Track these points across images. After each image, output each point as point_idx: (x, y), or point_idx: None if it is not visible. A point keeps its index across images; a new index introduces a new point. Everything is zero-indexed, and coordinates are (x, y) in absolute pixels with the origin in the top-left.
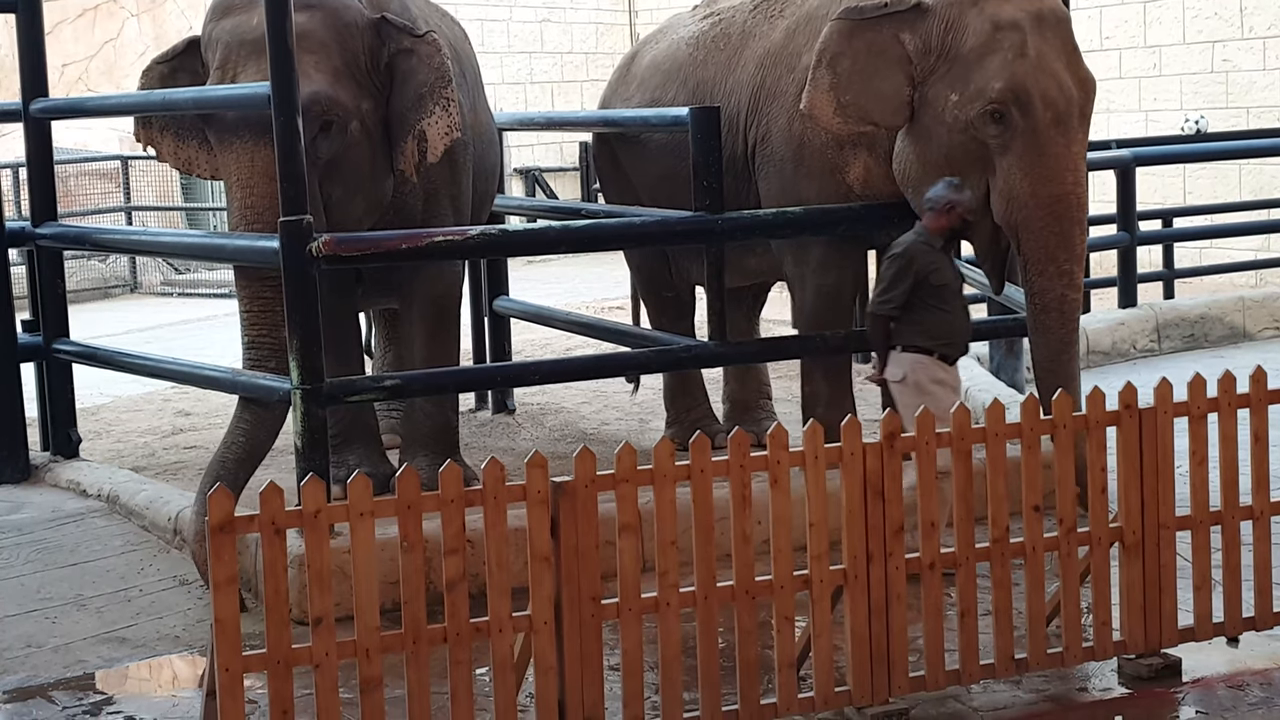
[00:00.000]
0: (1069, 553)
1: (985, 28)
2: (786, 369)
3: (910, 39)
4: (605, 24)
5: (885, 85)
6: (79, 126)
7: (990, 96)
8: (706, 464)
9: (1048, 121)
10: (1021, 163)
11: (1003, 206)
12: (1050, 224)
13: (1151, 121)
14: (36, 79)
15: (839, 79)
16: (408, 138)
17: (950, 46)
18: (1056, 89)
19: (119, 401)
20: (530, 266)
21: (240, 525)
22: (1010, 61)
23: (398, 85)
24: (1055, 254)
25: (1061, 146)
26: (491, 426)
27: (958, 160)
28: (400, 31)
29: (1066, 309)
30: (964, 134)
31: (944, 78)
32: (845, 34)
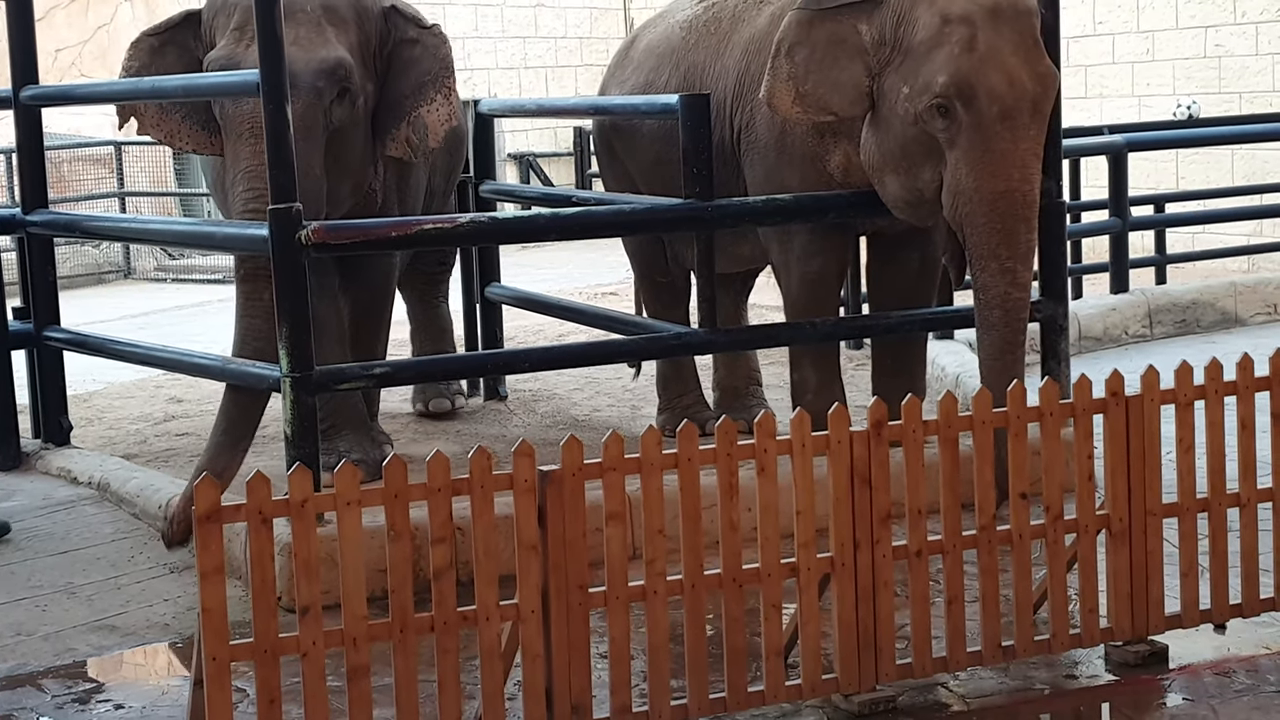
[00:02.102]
0: (1056, 540)
1: (934, 21)
2: (778, 354)
3: (867, 30)
4: (600, 8)
5: (843, 75)
6: (72, 112)
7: (935, 91)
8: (694, 452)
9: (993, 116)
10: (966, 158)
11: (949, 201)
12: (993, 220)
13: (1144, 107)
14: (27, 66)
15: (797, 68)
16: (402, 124)
17: (902, 39)
18: (1005, 84)
19: (111, 388)
20: (523, 253)
21: (227, 514)
22: (956, 55)
23: (397, 73)
24: (998, 250)
25: (1008, 142)
26: (483, 413)
27: (912, 152)
28: (408, 21)
29: (1010, 306)
30: (915, 127)
31: (897, 70)
32: (804, 24)
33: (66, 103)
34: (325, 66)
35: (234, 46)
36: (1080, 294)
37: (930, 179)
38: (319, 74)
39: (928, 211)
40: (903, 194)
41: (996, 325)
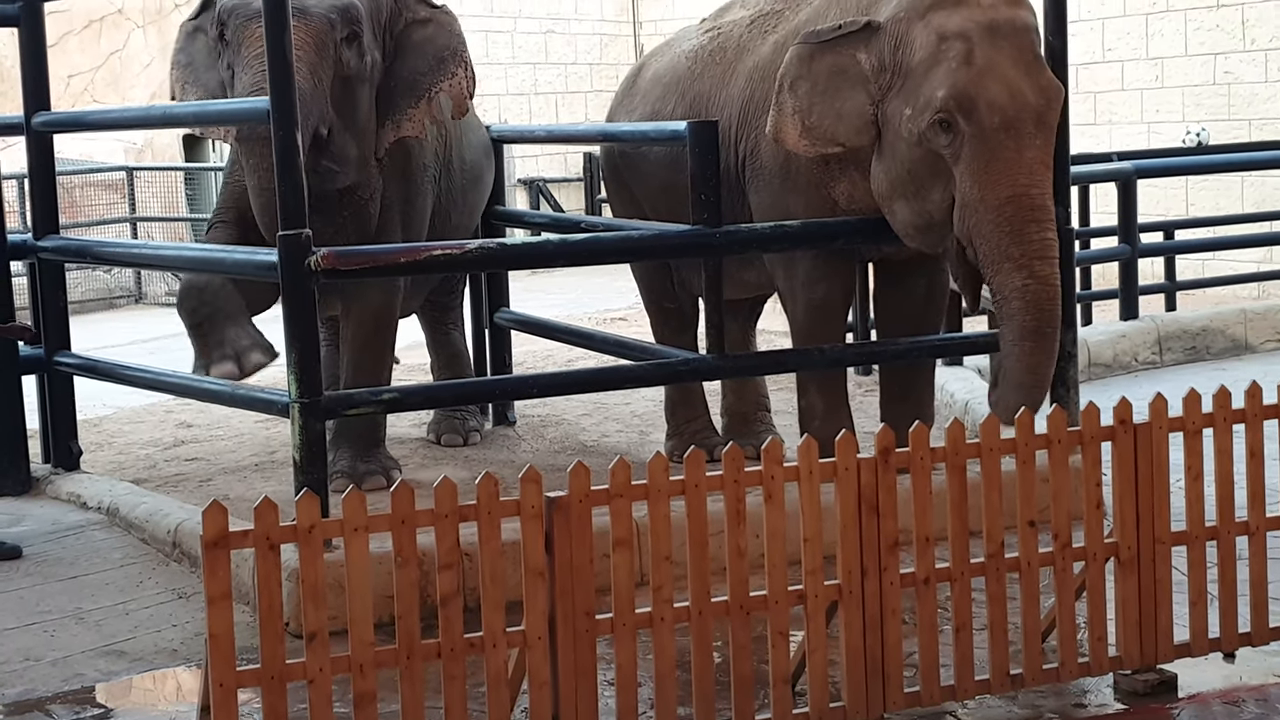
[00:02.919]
0: (1064, 568)
1: (931, 40)
2: (786, 380)
3: (866, 58)
4: (609, 35)
5: (847, 105)
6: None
7: (935, 106)
8: (701, 479)
9: (995, 126)
10: (971, 169)
11: (958, 217)
12: (1001, 224)
13: (1153, 133)
14: (39, 92)
15: (801, 102)
16: (420, 102)
17: (901, 62)
18: (1006, 95)
19: (121, 413)
20: (532, 278)
21: (235, 540)
22: (954, 70)
23: (410, 51)
24: (1009, 250)
25: (1012, 151)
26: (492, 438)
27: (919, 175)
28: (420, 2)
29: (1028, 296)
30: (920, 147)
31: (899, 94)
32: (805, 58)
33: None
34: (338, 4)
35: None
36: (1090, 320)
37: (940, 201)
38: (332, 8)
39: (938, 237)
40: (913, 219)
41: (1015, 314)
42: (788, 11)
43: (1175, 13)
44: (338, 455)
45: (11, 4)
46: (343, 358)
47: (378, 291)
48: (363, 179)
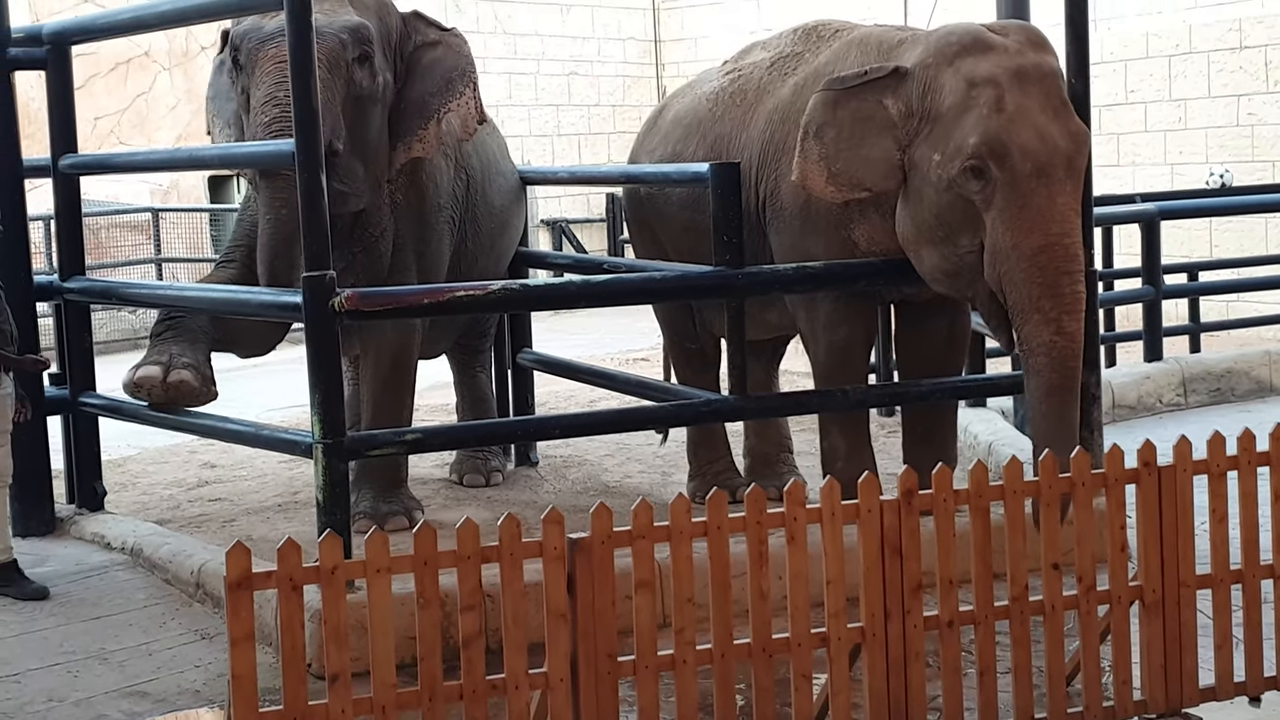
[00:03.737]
0: (1089, 611)
1: (960, 86)
2: (809, 421)
3: (893, 103)
4: (632, 77)
5: (874, 151)
6: (110, 179)
7: (967, 152)
8: (723, 520)
9: (1028, 173)
10: (1003, 216)
11: (989, 263)
12: (1034, 274)
13: (1177, 175)
14: (66, 135)
15: (827, 149)
16: (429, 123)
17: (930, 108)
18: (1037, 141)
19: (145, 453)
20: (555, 318)
21: (258, 581)
22: (985, 116)
23: (420, 74)
24: (1040, 303)
25: (1044, 198)
26: (514, 479)
27: (948, 221)
28: (428, 25)
29: (1055, 352)
30: (950, 193)
31: (927, 139)
32: (830, 104)
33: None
34: (349, 24)
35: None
36: (1114, 362)
37: (968, 246)
38: (342, 28)
39: (966, 282)
40: (941, 264)
41: (1041, 370)
42: (807, 54)
43: (1198, 54)
44: (360, 496)
45: (40, 47)
46: (363, 398)
47: (395, 331)
48: (374, 211)
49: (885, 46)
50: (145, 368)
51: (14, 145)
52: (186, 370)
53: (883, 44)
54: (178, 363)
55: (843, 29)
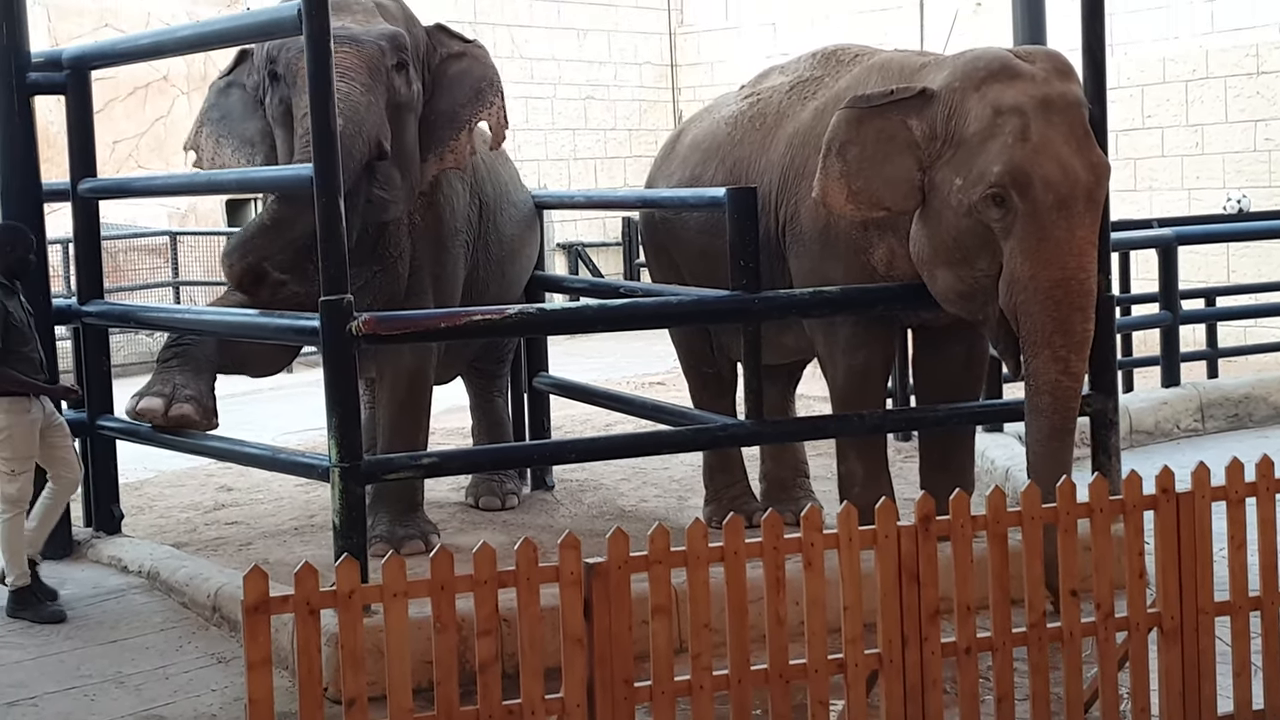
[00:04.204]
0: (1107, 638)
1: (986, 113)
2: (825, 446)
3: (917, 124)
4: (648, 101)
5: (895, 171)
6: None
7: (990, 180)
8: (740, 545)
9: (1048, 205)
10: (1022, 246)
11: (1005, 291)
12: (1048, 309)
13: (1194, 200)
14: (85, 159)
15: (849, 166)
16: (460, 133)
17: (954, 132)
18: (1059, 173)
19: (162, 476)
20: (571, 342)
21: (275, 605)
22: (1010, 145)
23: (447, 86)
24: (1051, 339)
25: (1064, 231)
26: (530, 503)
27: (966, 244)
28: (452, 38)
29: (1060, 394)
30: (969, 218)
31: (949, 162)
32: (854, 121)
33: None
34: (387, 32)
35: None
36: (1131, 388)
37: (985, 270)
38: (381, 35)
39: (980, 304)
40: (956, 285)
41: (1045, 411)
42: (827, 78)
43: (1215, 80)
44: (376, 520)
45: (59, 72)
46: (379, 422)
47: (410, 355)
48: (394, 231)
49: (907, 71)
50: (148, 399)
51: (34, 169)
52: (189, 404)
53: (905, 68)
54: (180, 395)
55: (862, 53)
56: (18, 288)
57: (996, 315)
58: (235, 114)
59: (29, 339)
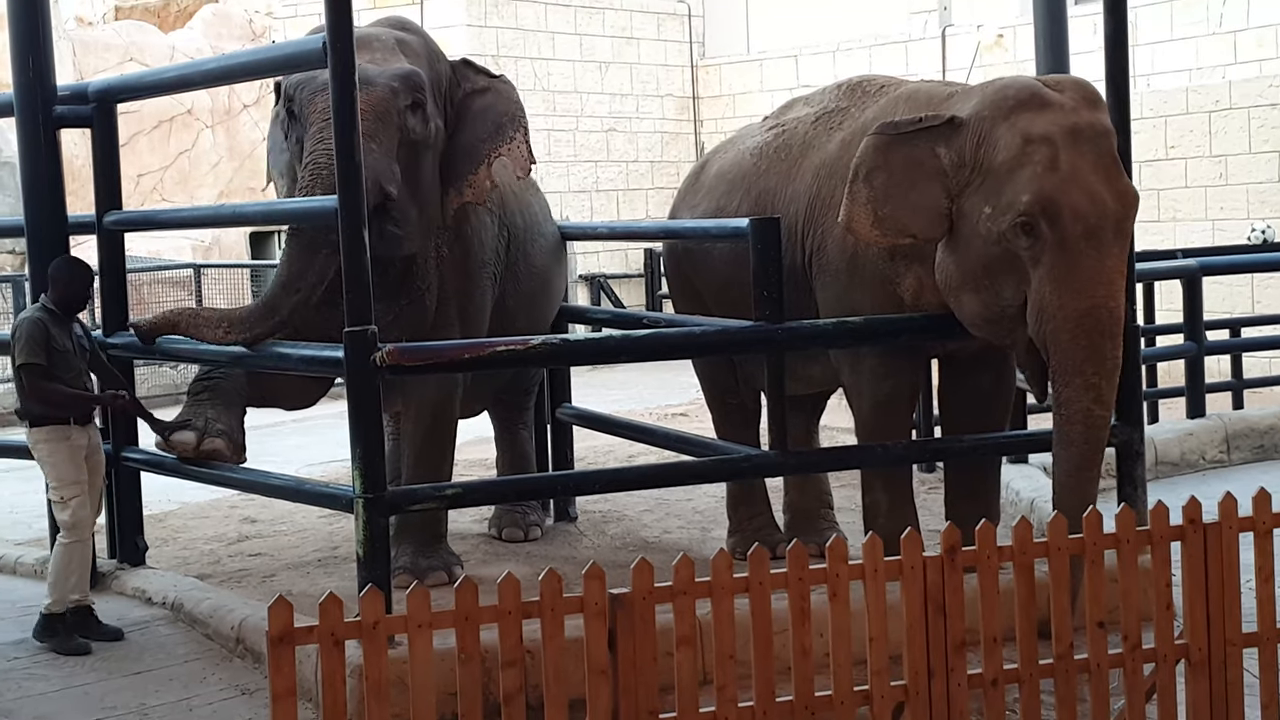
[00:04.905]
0: (1134, 669)
1: (1016, 141)
2: (849, 477)
3: (945, 152)
4: (670, 133)
5: (922, 198)
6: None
7: (1019, 209)
8: (765, 576)
9: (1078, 234)
10: (1051, 275)
11: (1034, 319)
12: (1079, 337)
13: (1218, 230)
14: (110, 192)
15: (876, 192)
16: (479, 167)
17: (983, 160)
18: (1088, 202)
19: (186, 508)
20: (593, 374)
21: (300, 636)
22: (1040, 174)
23: (470, 120)
24: (1083, 367)
25: (1093, 260)
26: (553, 534)
27: (994, 271)
28: (477, 72)
29: (1091, 423)
30: (998, 246)
31: (978, 190)
32: (881, 148)
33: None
34: (400, 72)
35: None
36: (1156, 419)
37: (1012, 297)
38: (394, 76)
39: (1007, 329)
40: (982, 311)
41: (1075, 441)
42: (853, 109)
43: (1238, 110)
44: (399, 551)
45: (85, 105)
46: (404, 453)
47: (435, 386)
48: (422, 263)
49: (934, 101)
50: (180, 432)
51: (60, 201)
52: (220, 439)
53: (931, 99)
54: (212, 429)
55: (888, 84)
56: (72, 319)
57: (1024, 341)
58: (277, 146)
59: (74, 367)
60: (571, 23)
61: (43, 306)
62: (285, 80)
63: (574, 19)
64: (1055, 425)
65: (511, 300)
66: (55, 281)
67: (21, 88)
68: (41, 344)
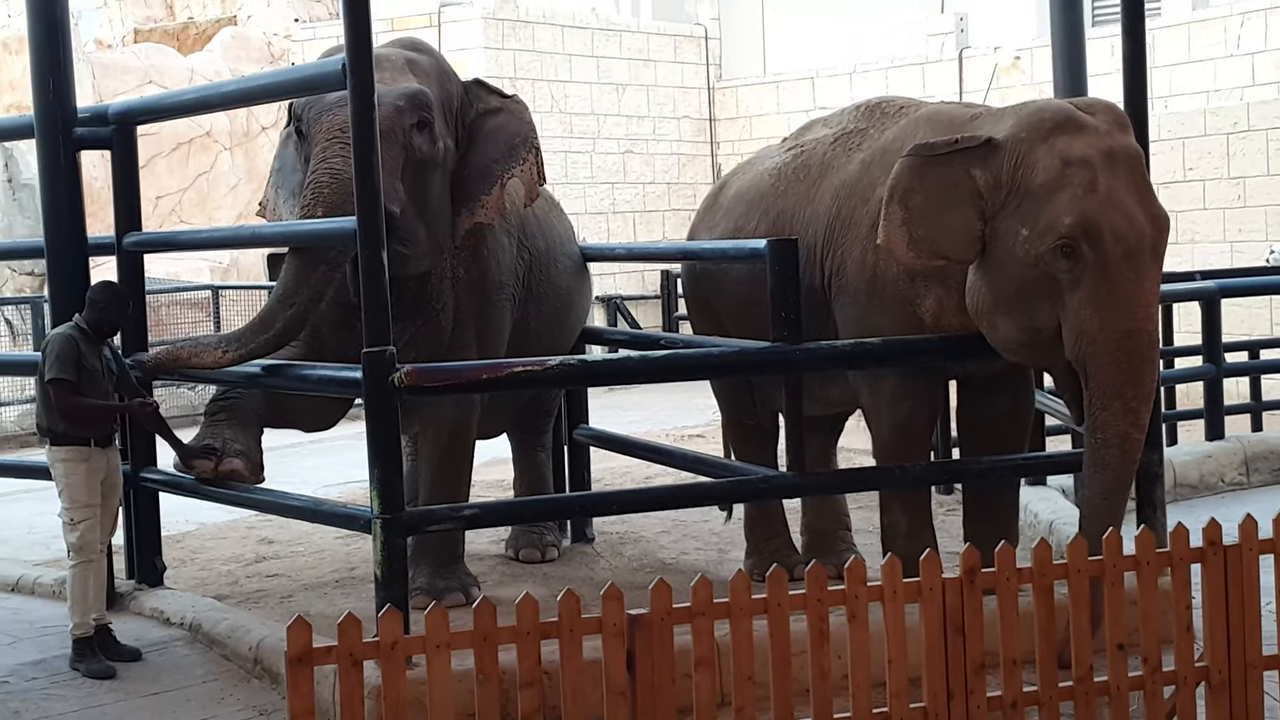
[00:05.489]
0: (1154, 692)
1: (1055, 164)
2: (867, 499)
3: (981, 174)
4: (687, 155)
5: (956, 220)
6: (171, 258)
7: (1060, 231)
8: (784, 597)
9: (1118, 257)
10: (1091, 298)
11: (1072, 341)
12: (1119, 360)
13: (1236, 253)
14: (130, 213)
15: (911, 214)
16: (492, 188)
17: (1020, 182)
18: (1127, 224)
19: (204, 529)
20: (611, 394)
21: (318, 656)
22: (1080, 197)
23: (483, 141)
24: (1122, 390)
25: (1132, 282)
26: (570, 555)
27: (1030, 294)
28: (490, 93)
29: (1128, 447)
30: (1035, 268)
31: (1014, 213)
32: (916, 170)
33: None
34: (406, 91)
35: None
36: (1175, 441)
37: (1048, 319)
38: (400, 95)
39: (1043, 353)
40: (1017, 335)
41: (1112, 465)
42: (872, 130)
43: (1256, 132)
44: (416, 572)
45: (105, 127)
46: (421, 474)
47: (453, 407)
48: (437, 284)
49: (957, 122)
50: (199, 461)
51: (79, 223)
52: (238, 459)
53: (954, 120)
54: (230, 449)
55: (907, 106)
56: (103, 341)
57: (1061, 363)
58: (288, 166)
59: (101, 387)
60: (589, 45)
61: (76, 325)
62: (296, 100)
63: (591, 41)
64: (1089, 448)
65: (534, 321)
66: (93, 304)
67: (42, 110)
68: (72, 361)
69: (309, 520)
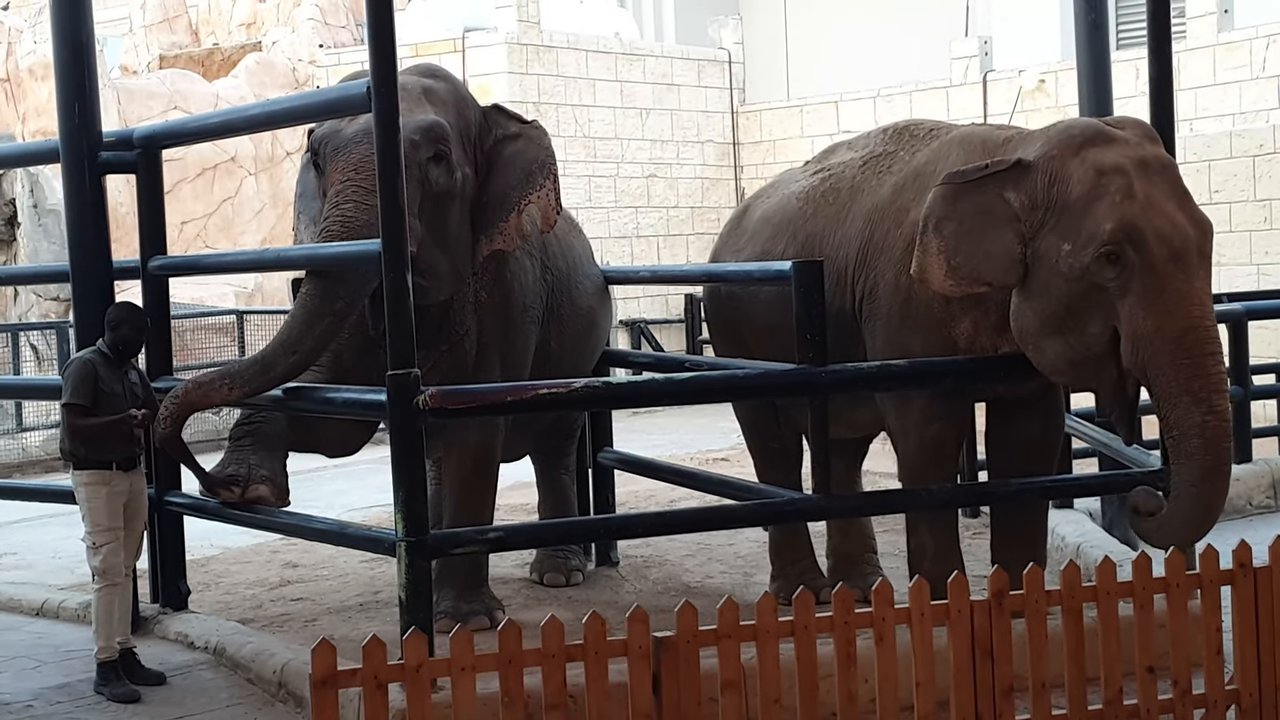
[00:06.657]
0: (1184, 715)
1: (1089, 175)
2: (893, 521)
3: (1015, 196)
4: (710, 179)
5: (995, 245)
6: (195, 283)
7: (1103, 239)
8: (810, 620)
9: (1164, 258)
10: (1142, 301)
11: (1130, 350)
12: (1179, 357)
13: (1263, 275)
14: (155, 237)
15: (947, 243)
16: (510, 215)
17: (1056, 198)
18: (1170, 226)
19: (228, 553)
20: (635, 418)
21: (343, 679)
22: (1119, 203)
23: (501, 167)
24: (1190, 385)
25: (1182, 282)
26: (595, 579)
27: (1078, 310)
28: (509, 119)
29: (1210, 433)
30: (1081, 282)
31: (1054, 230)
32: (949, 198)
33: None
34: (422, 124)
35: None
36: None
37: (1099, 334)
38: (415, 129)
39: (1092, 371)
40: (1066, 354)
41: (1196, 453)
42: (902, 153)
43: None
44: (441, 595)
45: (130, 151)
46: (445, 497)
47: (477, 430)
48: (459, 309)
49: (990, 144)
50: (225, 489)
51: (104, 247)
52: (264, 485)
53: (986, 142)
54: (256, 475)
55: (936, 129)
56: (125, 364)
57: (1112, 381)
58: (309, 192)
59: (120, 410)
60: (612, 70)
61: (98, 350)
62: (314, 129)
63: (615, 66)
64: (1172, 449)
65: (556, 343)
66: (110, 324)
67: (67, 135)
68: (89, 385)
69: (334, 543)
